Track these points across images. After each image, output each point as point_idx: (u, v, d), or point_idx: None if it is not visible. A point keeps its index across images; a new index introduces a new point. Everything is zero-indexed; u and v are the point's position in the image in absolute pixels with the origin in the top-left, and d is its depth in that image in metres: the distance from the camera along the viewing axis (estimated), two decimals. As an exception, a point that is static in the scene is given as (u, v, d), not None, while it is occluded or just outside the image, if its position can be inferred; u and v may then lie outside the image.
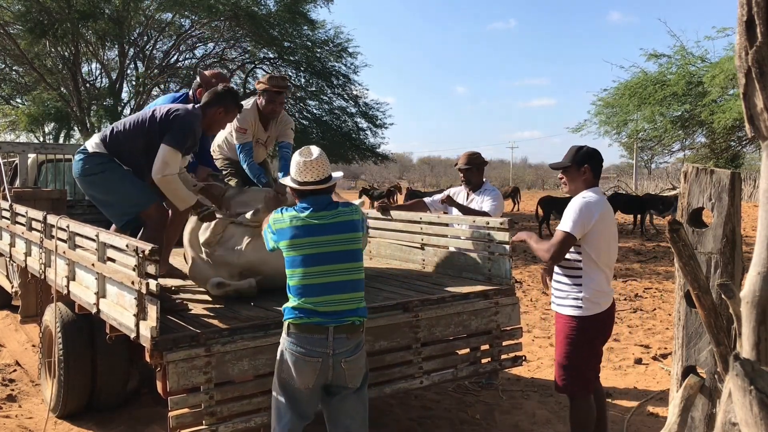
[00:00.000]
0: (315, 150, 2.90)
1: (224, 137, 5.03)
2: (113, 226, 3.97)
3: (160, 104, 4.54)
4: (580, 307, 3.29)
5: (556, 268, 3.42)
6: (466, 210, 4.64)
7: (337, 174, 2.97)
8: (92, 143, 3.91)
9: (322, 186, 2.86)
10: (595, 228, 3.24)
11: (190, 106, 3.97)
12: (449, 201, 4.69)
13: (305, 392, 2.79)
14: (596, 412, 3.44)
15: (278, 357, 2.83)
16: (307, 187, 2.85)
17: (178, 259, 4.52)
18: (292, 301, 2.78)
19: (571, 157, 3.38)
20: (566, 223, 3.24)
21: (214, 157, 5.03)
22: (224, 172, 4.98)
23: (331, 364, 2.74)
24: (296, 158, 2.89)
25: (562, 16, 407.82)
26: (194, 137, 3.90)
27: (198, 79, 4.66)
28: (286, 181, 2.97)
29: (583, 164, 3.34)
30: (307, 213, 2.81)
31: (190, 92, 4.65)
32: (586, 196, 3.30)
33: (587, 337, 3.31)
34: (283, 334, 2.80)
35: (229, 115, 3.96)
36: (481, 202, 4.73)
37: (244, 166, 4.72)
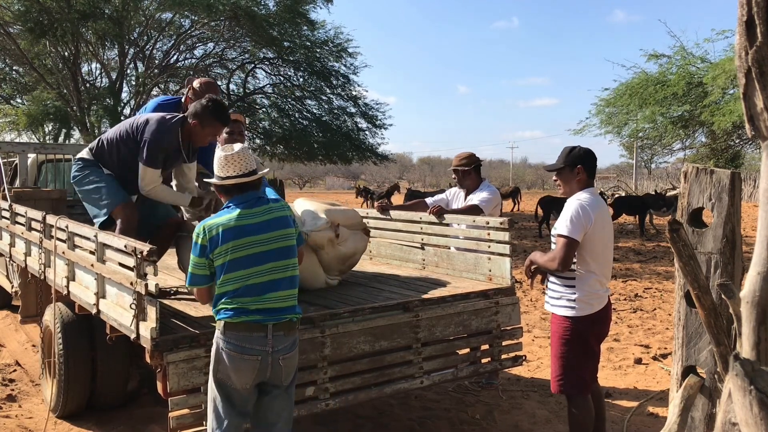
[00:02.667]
0: (237, 145, 2.90)
1: None
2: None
3: (149, 109, 4.61)
4: (574, 307, 3.29)
5: None
6: (458, 213, 4.62)
7: (264, 170, 2.96)
8: (84, 151, 4.13)
9: (245, 179, 2.82)
10: (591, 230, 3.23)
11: (169, 116, 3.99)
12: (438, 213, 4.53)
13: (243, 392, 2.76)
14: (594, 413, 3.44)
15: (213, 357, 2.77)
16: (230, 181, 2.82)
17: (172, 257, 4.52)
18: (227, 303, 2.73)
19: (563, 159, 3.37)
20: (566, 227, 3.22)
21: None
22: None
23: (270, 362, 2.72)
24: (218, 154, 2.87)
25: (566, 15, 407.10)
26: (166, 151, 3.93)
27: (187, 86, 4.64)
28: (211, 180, 2.93)
29: (576, 165, 3.33)
30: (238, 212, 2.77)
31: (183, 98, 4.66)
32: (581, 197, 3.29)
33: (581, 336, 3.30)
34: (218, 334, 2.76)
35: (206, 129, 3.87)
36: (476, 199, 4.73)
37: None
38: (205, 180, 3.24)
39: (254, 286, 2.72)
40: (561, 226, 3.26)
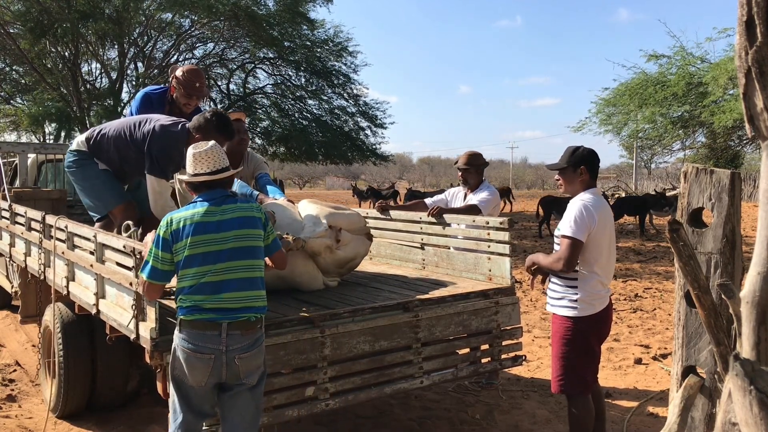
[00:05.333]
0: (210, 142, 2.88)
1: None
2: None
3: (138, 99, 4.55)
4: (575, 308, 3.29)
5: None
6: (457, 212, 4.62)
7: (235, 170, 2.95)
8: (78, 141, 4.10)
9: (214, 177, 2.80)
10: (595, 231, 3.24)
11: (174, 124, 3.92)
12: (437, 213, 4.51)
13: (199, 390, 2.73)
14: (595, 413, 3.45)
15: (171, 354, 2.76)
16: (199, 178, 2.80)
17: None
18: (183, 300, 2.71)
19: (567, 159, 3.38)
20: (570, 227, 3.22)
21: None
22: None
23: (225, 361, 2.67)
24: (190, 151, 2.86)
25: (569, 13, 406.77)
26: (175, 162, 3.87)
27: (170, 75, 4.55)
28: (182, 176, 2.92)
29: (580, 166, 3.34)
30: (203, 209, 2.75)
31: (169, 87, 4.60)
32: (584, 198, 3.30)
33: (582, 337, 3.31)
34: (176, 331, 2.74)
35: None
36: (475, 200, 4.73)
37: (234, 188, 4.56)
38: (177, 176, 3.24)
39: (208, 284, 2.68)
40: (565, 226, 3.26)
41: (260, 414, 2.89)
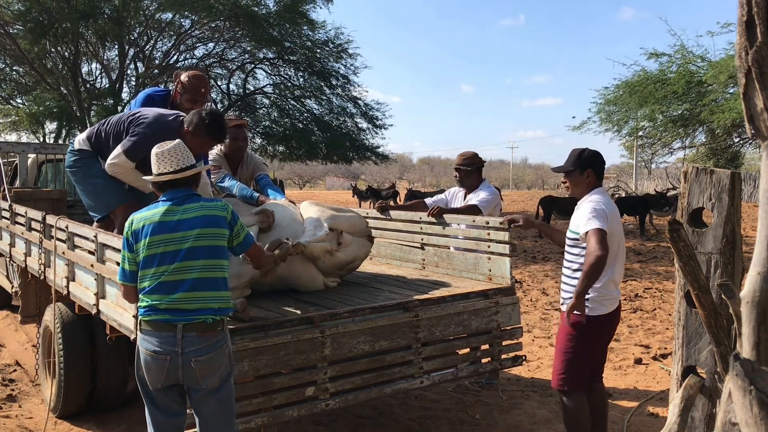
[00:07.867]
0: (174, 141, 2.86)
1: None
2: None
3: (139, 100, 4.55)
4: (587, 307, 3.29)
5: (568, 269, 3.39)
6: (457, 212, 4.62)
7: (203, 168, 2.95)
8: (80, 139, 4.06)
9: (178, 176, 2.78)
10: (609, 228, 3.25)
11: (168, 113, 3.88)
12: (437, 213, 4.51)
13: (157, 392, 2.72)
14: (597, 413, 3.46)
15: (135, 355, 2.76)
16: (163, 177, 2.78)
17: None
18: (142, 300, 2.69)
19: (573, 162, 3.40)
20: (592, 222, 3.18)
21: None
22: None
23: (181, 363, 2.62)
24: (154, 151, 2.83)
25: (573, 12, 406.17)
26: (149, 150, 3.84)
27: (175, 79, 4.55)
28: (147, 177, 2.90)
29: (587, 168, 3.37)
30: (164, 208, 2.72)
31: (172, 91, 4.58)
32: (593, 199, 3.33)
33: (588, 336, 3.32)
34: (138, 332, 2.74)
35: (196, 139, 3.62)
36: (475, 200, 4.73)
37: (234, 191, 4.46)
38: (143, 177, 3.21)
39: (164, 284, 2.64)
40: (582, 224, 3.22)
41: (232, 415, 2.83)
